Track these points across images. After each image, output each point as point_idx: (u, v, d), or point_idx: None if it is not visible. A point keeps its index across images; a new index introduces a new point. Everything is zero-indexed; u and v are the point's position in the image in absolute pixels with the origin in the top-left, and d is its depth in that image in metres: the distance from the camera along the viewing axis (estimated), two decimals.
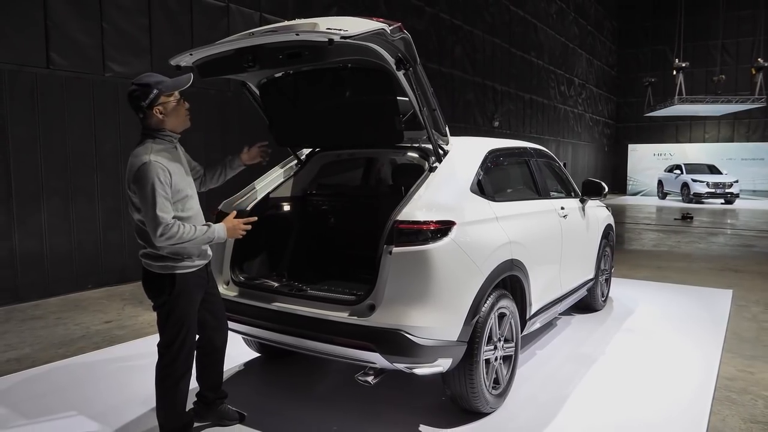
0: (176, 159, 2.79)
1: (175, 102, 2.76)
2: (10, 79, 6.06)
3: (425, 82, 3.12)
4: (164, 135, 2.76)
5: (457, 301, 3.05)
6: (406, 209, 3.02)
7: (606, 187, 5.16)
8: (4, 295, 6.05)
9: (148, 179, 2.57)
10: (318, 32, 2.62)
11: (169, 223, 2.58)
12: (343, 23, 2.70)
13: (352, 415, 3.43)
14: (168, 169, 2.65)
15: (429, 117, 3.25)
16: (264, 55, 2.91)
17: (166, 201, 2.60)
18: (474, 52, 15.70)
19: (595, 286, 5.52)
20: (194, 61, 3.10)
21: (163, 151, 2.72)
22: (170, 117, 2.75)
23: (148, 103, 2.67)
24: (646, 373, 4.13)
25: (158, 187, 2.57)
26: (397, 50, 2.90)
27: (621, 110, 30.13)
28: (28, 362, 4.33)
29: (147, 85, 2.67)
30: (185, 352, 2.83)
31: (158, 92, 2.67)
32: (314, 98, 3.67)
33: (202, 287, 2.92)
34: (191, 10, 8.01)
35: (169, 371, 2.81)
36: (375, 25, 2.72)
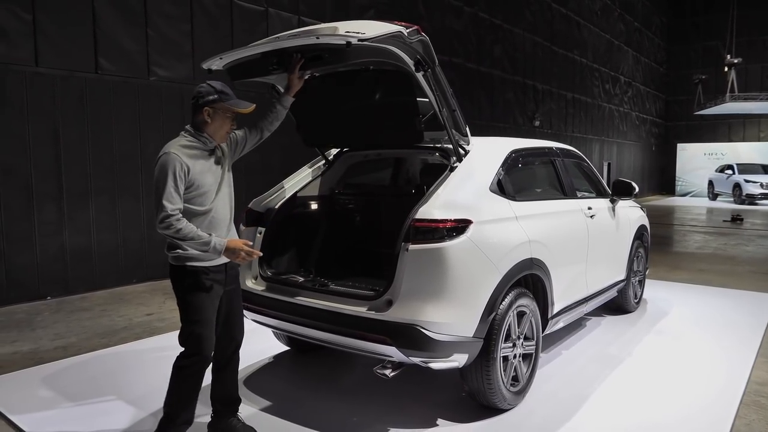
0: (202, 156, 2.82)
1: (225, 116, 2.86)
2: (62, 84, 6.43)
3: (444, 83, 3.19)
4: (200, 135, 2.83)
5: (473, 297, 3.12)
6: (423, 208, 3.10)
7: (636, 187, 5.09)
8: (55, 288, 6.42)
9: (163, 168, 2.66)
10: (336, 35, 2.75)
11: (172, 213, 2.61)
12: (362, 27, 2.82)
13: (374, 408, 3.54)
14: (186, 164, 2.70)
15: (449, 117, 3.32)
16: (287, 58, 3.05)
17: (175, 192, 2.65)
18: (514, 51, 15.58)
19: (626, 288, 5.46)
20: (224, 64, 3.28)
21: (191, 148, 2.78)
22: (213, 124, 2.83)
23: (204, 102, 2.78)
24: (672, 375, 4.09)
25: (170, 178, 2.64)
26: (416, 52, 2.99)
27: (670, 108, 29.25)
28: (73, 350, 4.62)
29: (213, 87, 2.81)
30: (203, 347, 2.81)
31: (217, 98, 2.80)
32: (338, 100, 3.80)
33: (220, 285, 2.89)
34: (231, 15, 8.28)
35: (186, 363, 2.83)
36: (392, 28, 2.82)
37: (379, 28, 2.83)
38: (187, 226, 2.66)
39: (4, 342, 4.85)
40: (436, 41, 8.50)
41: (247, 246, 2.78)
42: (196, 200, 2.77)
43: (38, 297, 6.28)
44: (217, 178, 2.90)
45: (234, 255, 2.75)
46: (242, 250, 2.75)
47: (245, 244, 2.78)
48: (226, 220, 2.95)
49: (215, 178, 2.89)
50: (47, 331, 5.15)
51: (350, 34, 2.72)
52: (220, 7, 8.15)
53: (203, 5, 7.91)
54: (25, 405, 3.55)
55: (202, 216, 2.80)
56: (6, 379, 4.02)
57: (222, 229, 2.90)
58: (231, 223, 3.02)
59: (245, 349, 4.51)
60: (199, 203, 2.78)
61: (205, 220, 2.82)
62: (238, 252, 2.74)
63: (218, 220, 2.88)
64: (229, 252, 2.73)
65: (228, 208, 2.97)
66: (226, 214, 2.94)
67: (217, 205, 2.87)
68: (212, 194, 2.84)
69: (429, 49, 3.02)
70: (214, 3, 8.04)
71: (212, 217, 2.84)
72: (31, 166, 6.22)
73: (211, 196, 2.84)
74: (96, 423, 3.29)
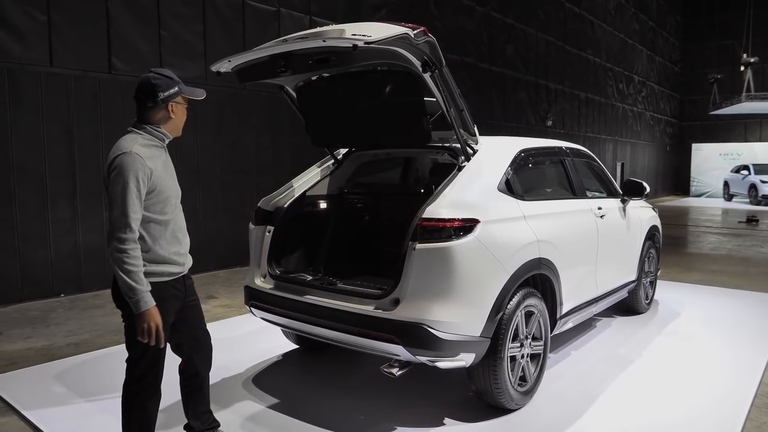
0: (160, 157, 2.55)
1: (185, 108, 2.64)
2: (76, 84, 6.51)
3: (452, 83, 3.19)
4: (159, 132, 2.55)
5: (480, 297, 3.12)
6: (431, 207, 3.11)
7: (647, 187, 5.06)
8: (68, 285, 6.50)
9: (123, 172, 2.34)
10: (343, 38, 2.76)
11: (131, 236, 2.34)
12: (369, 29, 2.83)
13: (382, 406, 3.55)
14: (149, 166, 2.42)
15: (457, 117, 3.33)
16: (295, 60, 3.08)
17: (137, 200, 2.36)
18: (526, 50, 15.52)
19: (637, 288, 5.43)
20: (233, 67, 3.30)
21: (150, 146, 2.50)
22: (176, 118, 2.60)
23: (166, 97, 2.51)
24: (682, 377, 4.05)
25: (132, 183, 2.34)
26: (423, 53, 2.99)
27: (685, 108, 28.96)
28: (85, 347, 4.68)
29: (170, 78, 2.54)
30: (155, 369, 2.57)
31: (178, 90, 2.55)
32: (347, 100, 3.82)
33: (178, 299, 2.62)
34: (243, 15, 8.33)
35: (137, 389, 2.56)
36: (399, 30, 2.82)
37: (386, 30, 2.83)
38: (138, 261, 2.36)
39: (18, 338, 4.92)
40: (447, 41, 8.57)
41: (160, 328, 2.40)
42: (156, 207, 2.49)
43: (52, 294, 6.36)
44: (174, 180, 2.64)
45: (143, 322, 2.35)
46: (154, 327, 2.37)
47: (160, 325, 2.40)
48: (184, 230, 2.70)
49: (173, 180, 2.62)
50: (60, 328, 5.22)
51: (356, 37, 2.72)
52: (233, 8, 8.20)
53: (215, 6, 7.97)
54: (37, 401, 3.60)
55: (162, 226, 2.52)
56: (20, 374, 4.08)
57: (180, 241, 2.63)
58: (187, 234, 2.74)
59: (254, 347, 4.59)
60: (160, 211, 2.50)
61: (166, 231, 2.54)
62: (149, 326, 2.36)
63: (177, 230, 2.61)
64: (141, 318, 2.35)
65: (183, 216, 2.71)
66: (184, 224, 2.70)
67: (176, 215, 2.62)
68: (173, 200, 2.58)
69: (436, 50, 3.02)
70: (226, 3, 8.10)
71: (172, 227, 2.58)
72: (46, 164, 6.31)
73: (172, 202, 2.57)
74: (107, 419, 3.33)
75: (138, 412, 2.59)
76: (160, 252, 2.52)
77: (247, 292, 3.82)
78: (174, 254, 2.58)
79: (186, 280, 2.71)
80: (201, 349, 2.82)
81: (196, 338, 2.80)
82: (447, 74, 3.14)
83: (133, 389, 2.58)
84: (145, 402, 2.59)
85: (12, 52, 6.01)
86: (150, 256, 2.48)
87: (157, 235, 2.51)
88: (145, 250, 2.46)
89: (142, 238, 2.45)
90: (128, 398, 2.59)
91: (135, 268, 2.34)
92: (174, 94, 2.54)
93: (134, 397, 2.58)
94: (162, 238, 2.53)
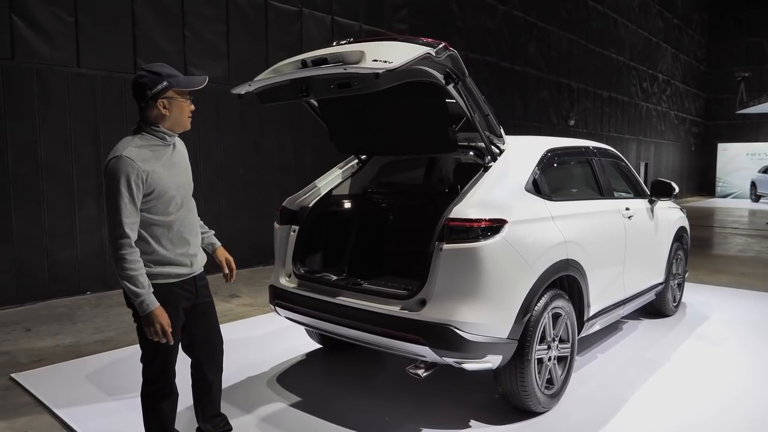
0: (162, 157, 2.47)
1: (182, 101, 2.49)
2: (102, 84, 6.60)
3: (476, 91, 3.17)
4: (157, 131, 2.46)
5: (508, 298, 3.08)
6: (458, 207, 3.08)
7: (676, 188, 4.97)
8: (95, 283, 6.59)
9: (114, 175, 2.30)
10: (365, 67, 2.67)
11: (129, 235, 2.32)
12: (390, 52, 2.76)
13: (406, 406, 3.53)
14: (143, 169, 2.35)
15: (482, 121, 3.33)
16: (316, 85, 3.02)
17: (131, 204, 2.32)
18: (549, 49, 15.37)
19: (665, 291, 5.33)
20: (254, 89, 3.26)
21: (146, 147, 2.42)
22: (172, 115, 2.46)
23: (154, 94, 2.40)
24: (711, 381, 3.97)
25: (123, 188, 2.30)
26: (445, 67, 2.94)
27: (710, 107, 28.43)
28: (112, 344, 4.73)
29: (158, 74, 2.41)
30: (167, 371, 2.57)
31: (168, 85, 2.41)
32: (370, 108, 3.78)
33: (189, 300, 2.60)
34: (266, 15, 8.37)
35: (151, 390, 2.59)
36: (420, 51, 2.75)
37: (407, 52, 2.75)
38: (137, 264, 2.34)
39: (47, 335, 5.00)
40: (469, 40, 8.51)
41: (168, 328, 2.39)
42: (157, 208, 2.43)
43: (79, 292, 6.45)
44: (181, 180, 2.56)
45: (149, 324, 2.35)
46: (160, 328, 2.36)
47: (167, 325, 2.39)
48: (195, 229, 2.65)
49: (180, 180, 2.55)
50: (87, 325, 5.29)
51: (378, 63, 2.64)
52: (255, 8, 8.24)
53: (239, 6, 8.01)
54: (66, 398, 3.65)
55: (165, 227, 2.48)
56: (49, 371, 4.14)
57: (188, 242, 2.59)
58: (199, 233, 2.71)
59: (278, 346, 4.60)
60: (162, 212, 2.45)
61: (170, 232, 2.50)
62: (156, 328, 2.35)
63: (184, 231, 2.56)
64: (147, 319, 2.35)
65: (195, 215, 2.67)
66: (194, 223, 2.65)
67: (182, 215, 2.55)
68: (177, 200, 2.51)
69: (458, 63, 2.96)
70: (249, 4, 8.14)
71: (177, 228, 2.52)
72: (73, 164, 6.40)
73: (176, 201, 2.51)
74: (134, 417, 3.35)
75: (155, 413, 2.61)
76: (165, 253, 2.48)
77: (272, 292, 3.83)
78: (180, 255, 2.55)
79: (198, 281, 2.66)
80: (211, 353, 2.78)
81: (207, 341, 2.76)
82: (470, 83, 3.10)
83: (148, 390, 2.60)
84: (160, 402, 2.60)
85: (41, 53, 6.11)
86: (154, 258, 2.46)
87: (160, 236, 2.47)
88: (149, 252, 2.44)
89: (144, 240, 2.43)
90: (145, 399, 2.62)
91: (133, 272, 2.33)
92: (162, 90, 2.41)
93: (149, 397, 2.61)
94: (166, 239, 2.49)
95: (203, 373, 2.77)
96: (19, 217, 6.02)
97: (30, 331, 5.10)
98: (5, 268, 5.95)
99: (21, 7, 5.95)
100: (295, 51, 8.77)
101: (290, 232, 3.84)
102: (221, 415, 2.92)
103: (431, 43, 2.85)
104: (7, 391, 3.77)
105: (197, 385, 2.81)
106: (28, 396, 3.69)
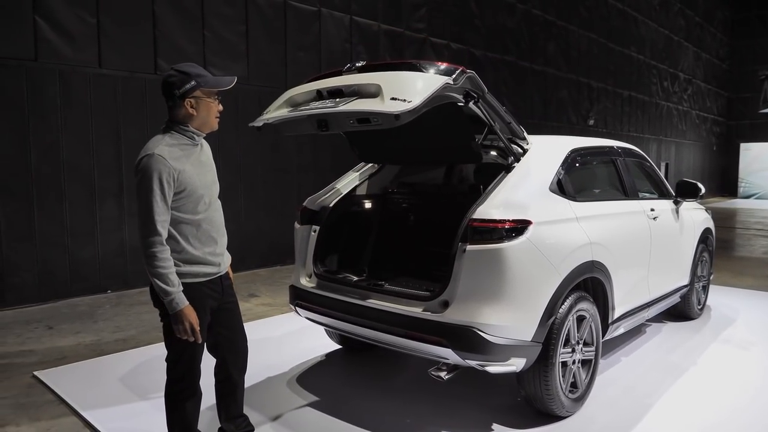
0: (191, 156, 2.50)
1: (210, 101, 2.51)
2: (124, 84, 6.65)
3: (496, 104, 3.16)
4: (186, 131, 2.49)
5: (532, 301, 3.03)
6: (481, 207, 3.04)
7: (702, 188, 4.87)
8: (115, 282, 6.64)
9: (147, 174, 2.33)
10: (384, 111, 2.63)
11: (160, 233, 2.34)
12: (407, 86, 2.71)
13: (427, 409, 3.49)
14: (175, 167, 2.38)
15: (504, 128, 3.34)
16: (335, 120, 2.99)
17: (162, 203, 2.34)
18: (568, 48, 15.22)
19: (690, 293, 5.23)
20: (272, 122, 3.25)
21: (176, 146, 2.45)
22: (199, 114, 2.49)
23: (182, 93, 2.42)
24: (739, 387, 3.87)
25: (156, 185, 2.32)
26: (464, 88, 2.90)
27: (733, 106, 27.95)
28: (132, 343, 4.76)
29: (186, 74, 2.44)
30: (192, 371, 2.57)
31: (195, 84, 2.43)
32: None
33: (215, 300, 2.60)
34: (285, 15, 8.38)
35: (176, 389, 2.58)
36: (438, 83, 2.72)
37: (425, 86, 2.69)
38: (167, 262, 2.36)
39: (68, 333, 5.04)
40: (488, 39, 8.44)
41: (197, 327, 2.41)
42: (187, 207, 2.45)
43: (99, 290, 6.51)
44: (209, 179, 2.59)
45: (178, 323, 2.37)
46: (189, 327, 2.38)
47: (196, 323, 2.40)
48: (221, 229, 2.66)
49: (208, 179, 2.58)
50: (108, 324, 5.33)
51: (397, 104, 2.59)
52: (274, 8, 8.25)
53: (258, 6, 8.03)
54: (89, 396, 3.66)
55: (193, 226, 2.49)
56: (71, 369, 4.17)
57: (216, 241, 2.60)
58: (225, 233, 2.71)
59: (297, 346, 4.59)
60: (191, 210, 2.46)
61: (199, 230, 2.51)
62: (185, 326, 2.37)
63: (212, 230, 2.58)
64: (176, 318, 2.36)
65: (221, 214, 2.68)
66: (221, 223, 2.66)
67: (210, 214, 2.56)
68: (206, 198, 2.53)
69: (477, 82, 2.94)
70: (268, 3, 8.15)
71: (205, 227, 2.54)
72: (94, 163, 6.45)
73: (205, 200, 2.52)
74: (155, 416, 3.35)
75: (179, 413, 2.60)
76: (194, 252, 2.49)
77: (292, 292, 3.81)
78: (209, 254, 2.55)
79: (223, 281, 2.67)
80: (236, 352, 2.77)
81: (232, 340, 2.76)
82: (490, 98, 3.08)
83: (173, 390, 2.59)
84: (184, 402, 2.60)
85: (63, 54, 6.17)
86: (183, 257, 2.47)
87: (189, 235, 2.48)
88: (178, 251, 2.45)
89: (174, 239, 2.44)
90: (169, 398, 2.61)
91: (164, 270, 2.34)
92: (190, 90, 2.43)
93: (174, 397, 2.60)
94: (194, 238, 2.50)
95: (228, 372, 2.76)
96: (42, 216, 6.09)
97: (52, 329, 5.15)
98: (28, 267, 6.02)
99: (44, 9, 6.01)
100: (314, 51, 8.80)
101: (311, 232, 3.82)
102: (244, 416, 2.92)
103: (448, 69, 2.82)
104: (31, 389, 3.80)
105: (222, 385, 2.80)
106: (50, 394, 3.71)
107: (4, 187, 5.84)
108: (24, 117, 5.93)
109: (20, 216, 5.95)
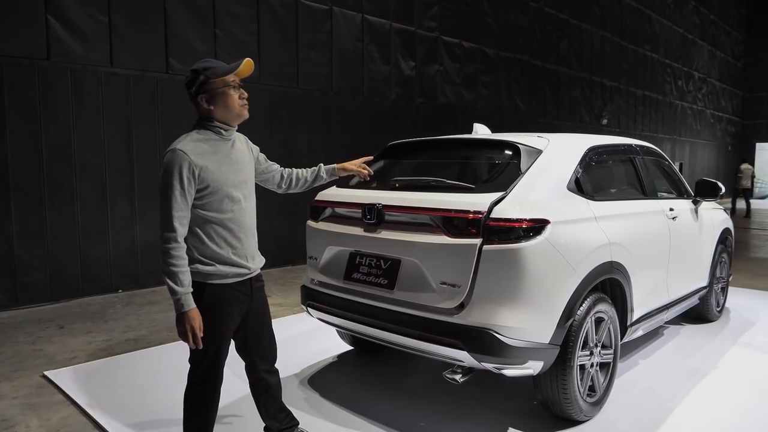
0: (219, 153, 2.44)
1: (226, 90, 2.42)
2: (135, 83, 6.63)
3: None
4: (212, 126, 2.44)
5: (550, 302, 2.95)
6: (498, 206, 2.96)
7: (722, 188, 4.76)
8: (126, 281, 6.63)
9: (167, 169, 2.30)
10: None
11: (173, 235, 2.28)
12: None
13: (440, 412, 3.42)
14: (197, 163, 2.32)
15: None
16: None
17: (182, 199, 2.29)
18: (581, 46, 15.08)
19: (708, 295, 5.12)
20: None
21: (203, 142, 2.40)
22: (218, 106, 2.42)
23: (195, 90, 2.41)
24: (762, 391, 3.76)
25: (175, 181, 2.28)
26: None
27: (748, 106, 27.61)
28: (143, 342, 4.72)
29: (195, 70, 2.41)
30: (214, 374, 2.51)
31: (204, 78, 2.39)
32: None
33: (243, 303, 2.54)
34: (296, 14, 8.34)
35: (196, 392, 2.52)
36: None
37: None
38: (180, 261, 2.30)
39: (80, 332, 5.02)
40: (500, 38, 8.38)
41: (199, 332, 2.32)
42: (211, 204, 2.39)
43: (111, 290, 6.50)
44: (239, 177, 2.50)
45: (181, 324, 2.30)
46: (190, 330, 2.30)
47: (199, 328, 2.32)
48: (251, 230, 2.58)
49: (237, 178, 2.48)
50: (119, 324, 5.30)
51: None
52: (286, 7, 8.21)
53: (269, 5, 7.99)
54: (99, 396, 3.63)
55: (219, 225, 2.42)
56: (82, 368, 4.14)
57: (247, 242, 2.53)
58: (256, 233, 2.65)
59: (308, 347, 4.54)
60: (216, 208, 2.40)
61: (225, 230, 2.44)
62: (186, 329, 2.29)
63: (239, 230, 2.49)
64: (180, 319, 2.30)
65: (253, 215, 2.60)
66: (251, 223, 2.59)
67: (238, 215, 2.48)
68: (234, 197, 2.45)
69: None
70: (279, 2, 8.12)
71: (232, 227, 2.46)
72: (106, 162, 6.44)
73: (232, 199, 2.45)
74: (165, 417, 3.32)
75: (197, 416, 2.56)
76: (218, 251, 2.42)
77: (304, 292, 3.76)
78: (235, 255, 2.47)
79: (254, 283, 2.61)
80: (264, 354, 2.73)
81: (260, 343, 2.71)
82: None
83: (192, 392, 2.54)
84: (203, 405, 2.56)
85: (75, 53, 6.16)
86: (208, 255, 2.41)
87: (214, 234, 2.41)
88: (202, 249, 2.40)
89: (197, 237, 2.39)
90: (188, 400, 2.56)
91: (175, 268, 2.29)
92: (200, 85, 2.40)
93: (192, 399, 2.55)
94: (219, 237, 2.42)
95: (258, 374, 2.73)
96: (53, 215, 6.09)
97: (63, 329, 5.13)
98: (39, 266, 6.01)
99: (56, 8, 6.01)
100: (326, 50, 8.75)
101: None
102: (285, 410, 2.87)
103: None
104: (41, 389, 3.78)
105: (254, 386, 2.77)
106: (60, 394, 3.68)
107: (17, 187, 5.84)
108: (36, 116, 5.92)
109: (32, 215, 5.95)
